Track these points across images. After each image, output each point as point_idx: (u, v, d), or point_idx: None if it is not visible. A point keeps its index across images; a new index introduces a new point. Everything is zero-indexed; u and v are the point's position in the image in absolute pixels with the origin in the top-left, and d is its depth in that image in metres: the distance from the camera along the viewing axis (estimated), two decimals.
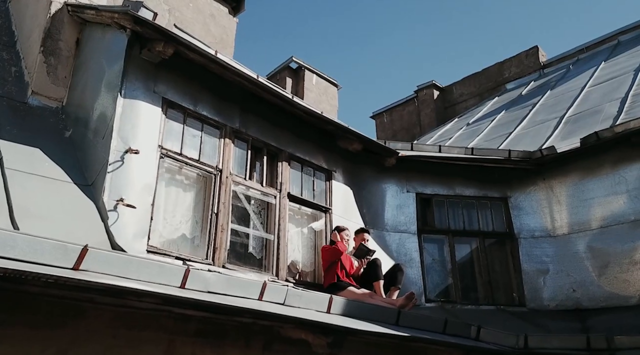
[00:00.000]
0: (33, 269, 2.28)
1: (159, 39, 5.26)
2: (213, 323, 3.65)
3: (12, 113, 5.60)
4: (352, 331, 3.76)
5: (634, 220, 6.78)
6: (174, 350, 3.44)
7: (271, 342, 3.92)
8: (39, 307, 2.94)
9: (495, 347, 4.70)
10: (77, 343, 3.04)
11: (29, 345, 2.88)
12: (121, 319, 3.23)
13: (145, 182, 5.07)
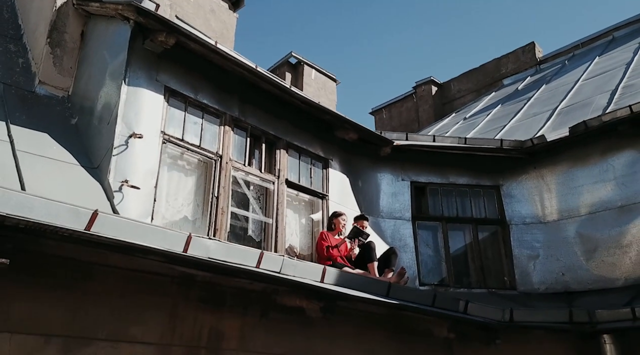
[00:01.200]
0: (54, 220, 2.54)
1: (161, 30, 5.52)
2: (213, 291, 3.93)
3: (21, 101, 5.87)
4: (344, 296, 4.02)
5: (620, 206, 7.03)
6: (176, 314, 3.71)
7: (268, 310, 4.20)
8: (53, 270, 3.21)
9: (482, 320, 4.95)
10: (86, 303, 3.31)
11: (43, 303, 3.16)
12: (127, 283, 3.50)
13: (149, 166, 5.33)
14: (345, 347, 4.76)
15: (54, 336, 3.15)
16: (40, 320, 3.12)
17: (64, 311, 3.22)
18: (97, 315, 3.36)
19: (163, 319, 3.66)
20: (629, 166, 7.12)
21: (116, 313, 3.45)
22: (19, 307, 3.06)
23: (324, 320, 4.57)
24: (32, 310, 3.11)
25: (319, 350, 4.54)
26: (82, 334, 3.26)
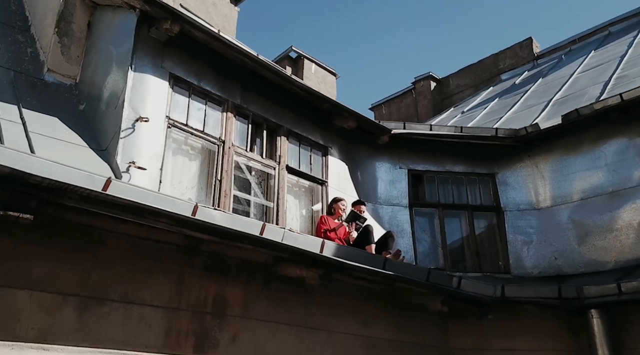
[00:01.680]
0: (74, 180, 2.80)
1: (166, 18, 5.78)
2: (217, 260, 4.18)
3: (30, 87, 6.12)
4: (342, 265, 4.27)
5: (611, 192, 7.27)
6: (182, 281, 3.96)
7: (269, 281, 4.45)
8: (69, 235, 3.47)
9: (475, 294, 5.20)
10: (99, 266, 3.57)
11: (60, 264, 3.41)
12: (137, 249, 3.75)
13: (154, 149, 5.58)
14: (342, 318, 5.02)
15: (70, 295, 3.40)
16: (58, 280, 3.37)
17: (80, 273, 3.47)
18: (110, 278, 3.61)
19: (170, 284, 3.92)
20: (620, 153, 7.36)
21: (127, 277, 3.70)
22: (39, 267, 3.31)
23: (322, 292, 4.83)
24: (51, 271, 3.36)
25: (318, 320, 4.80)
26: (96, 294, 3.51)
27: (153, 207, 3.22)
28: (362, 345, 5.15)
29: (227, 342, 4.11)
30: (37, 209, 3.02)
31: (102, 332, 3.47)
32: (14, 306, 3.16)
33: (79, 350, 3.33)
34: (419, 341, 5.72)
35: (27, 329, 3.17)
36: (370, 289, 5.23)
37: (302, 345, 4.63)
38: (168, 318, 3.83)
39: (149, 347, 3.66)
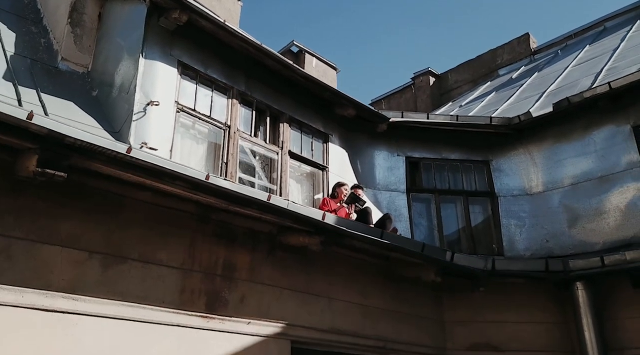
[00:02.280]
0: (101, 143, 3.20)
1: (175, 7, 6.17)
2: (226, 228, 4.59)
3: (46, 74, 6.52)
4: (341, 232, 4.67)
5: (600, 177, 7.66)
6: (194, 245, 4.37)
7: (274, 249, 4.86)
8: (94, 199, 3.88)
9: (467, 267, 5.60)
10: (120, 228, 3.98)
11: (87, 224, 3.81)
12: (153, 215, 4.16)
13: (164, 132, 5.98)
14: (341, 287, 5.43)
15: (95, 252, 3.80)
16: (84, 238, 3.77)
17: (103, 233, 3.87)
18: (130, 240, 4.01)
19: (184, 248, 4.32)
20: (608, 139, 7.75)
21: (145, 239, 4.10)
22: (68, 226, 3.71)
23: (323, 262, 5.24)
24: (79, 230, 3.75)
25: (318, 287, 5.21)
26: (118, 253, 3.91)
27: (171, 169, 3.62)
28: (360, 313, 5.56)
29: (236, 303, 4.51)
30: (70, 168, 3.42)
31: (123, 286, 3.87)
32: (47, 260, 3.56)
33: (102, 301, 3.73)
34: (414, 313, 6.14)
35: (59, 280, 3.57)
36: (368, 261, 5.63)
37: (304, 309, 5.04)
38: (182, 278, 4.23)
39: (165, 302, 4.06)
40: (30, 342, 3.35)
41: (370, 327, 5.66)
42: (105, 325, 3.71)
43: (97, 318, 3.68)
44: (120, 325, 3.78)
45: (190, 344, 4.12)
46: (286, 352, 4.81)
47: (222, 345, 4.33)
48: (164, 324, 4.02)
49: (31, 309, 3.40)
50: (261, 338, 4.63)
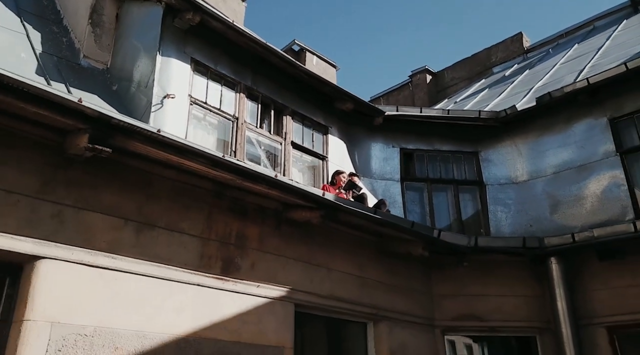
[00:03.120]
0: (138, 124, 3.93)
1: (188, 9, 6.90)
2: (238, 204, 5.33)
3: (71, 70, 7.25)
4: (339, 207, 5.41)
5: (579, 166, 8.39)
6: (211, 217, 5.11)
7: (280, 223, 5.61)
8: (128, 176, 4.60)
9: (452, 243, 6.34)
10: (149, 201, 4.71)
11: (122, 196, 4.54)
12: (177, 190, 4.90)
13: (179, 122, 6.70)
14: (340, 260, 6.18)
15: (129, 220, 4.53)
16: (120, 208, 4.50)
17: (136, 204, 4.60)
18: (157, 211, 4.74)
19: (202, 219, 5.05)
20: (587, 131, 8.49)
21: (170, 211, 4.83)
22: (108, 196, 4.44)
23: (323, 237, 5.99)
24: (116, 200, 4.49)
25: (319, 259, 5.95)
26: (148, 221, 4.64)
27: (194, 147, 4.35)
28: (356, 283, 6.30)
29: (247, 268, 5.25)
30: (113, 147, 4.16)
31: (153, 249, 4.60)
32: (90, 224, 4.28)
33: (136, 261, 4.46)
34: (406, 286, 6.88)
35: (100, 242, 4.30)
36: (364, 238, 6.37)
37: (306, 277, 5.78)
38: (201, 245, 4.96)
39: (187, 265, 4.79)
40: (78, 291, 4.08)
41: (365, 296, 6.41)
42: (137, 280, 4.44)
43: (130, 274, 4.41)
44: (149, 281, 4.51)
45: (206, 300, 4.86)
46: (290, 313, 5.54)
47: (235, 303, 5.06)
48: (185, 282, 4.75)
49: (79, 264, 4.13)
50: (269, 300, 5.37)
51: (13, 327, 3.82)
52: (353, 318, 6.43)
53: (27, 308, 3.81)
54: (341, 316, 6.27)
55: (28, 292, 3.85)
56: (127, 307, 4.31)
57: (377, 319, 6.57)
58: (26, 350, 3.71)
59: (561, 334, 6.73)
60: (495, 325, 7.27)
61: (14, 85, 3.56)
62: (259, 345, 5.14)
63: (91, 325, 4.07)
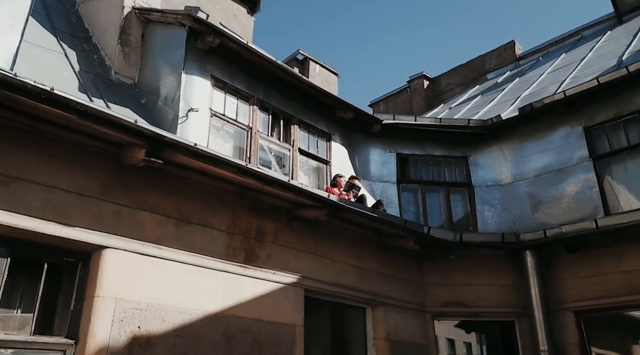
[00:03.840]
0: (180, 140, 5.04)
1: (209, 33, 7.98)
2: (257, 204, 6.43)
3: (104, 86, 8.34)
4: (341, 207, 6.52)
5: (557, 170, 9.48)
6: (235, 215, 6.21)
7: (291, 220, 6.71)
8: (168, 180, 5.70)
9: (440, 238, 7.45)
10: (185, 202, 5.81)
11: (164, 198, 5.64)
12: (207, 193, 5.99)
13: (202, 132, 7.77)
14: (342, 252, 7.30)
15: (171, 217, 5.63)
16: (164, 207, 5.60)
17: (175, 204, 5.70)
18: (192, 209, 5.84)
19: (228, 217, 6.16)
20: (565, 138, 9.58)
21: (202, 210, 5.93)
22: (154, 198, 5.54)
23: (328, 232, 7.09)
24: (160, 201, 5.59)
25: (325, 251, 7.07)
26: (185, 218, 5.74)
27: (226, 158, 5.45)
28: (356, 273, 7.42)
29: (265, 258, 6.36)
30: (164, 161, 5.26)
31: (189, 241, 5.70)
32: (141, 220, 5.38)
33: (176, 251, 5.56)
34: (400, 276, 7.99)
35: (149, 235, 5.40)
36: (363, 234, 7.48)
37: (314, 266, 6.89)
38: (227, 238, 6.07)
39: (216, 254, 5.90)
40: (133, 274, 5.17)
41: (364, 284, 7.52)
42: (177, 266, 5.54)
43: (172, 262, 5.51)
44: (187, 268, 5.61)
45: (232, 284, 5.96)
46: (301, 297, 6.65)
47: (256, 287, 6.17)
48: (216, 269, 5.86)
49: (134, 253, 5.23)
50: (283, 285, 6.48)
51: (86, 302, 4.93)
52: (354, 303, 7.56)
53: (96, 287, 4.91)
54: (344, 301, 7.40)
55: (97, 274, 4.96)
56: (170, 288, 5.42)
57: (374, 304, 7.69)
58: (97, 320, 4.81)
59: (535, 318, 7.85)
60: (478, 311, 8.40)
61: (87, 111, 4.66)
62: (275, 322, 6.25)
63: (144, 302, 5.18)
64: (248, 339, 5.93)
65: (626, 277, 7.50)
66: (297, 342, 6.47)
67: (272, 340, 6.17)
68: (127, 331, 4.99)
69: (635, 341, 7.94)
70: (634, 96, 8.85)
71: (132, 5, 9.15)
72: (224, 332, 5.74)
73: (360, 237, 7.59)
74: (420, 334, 8.15)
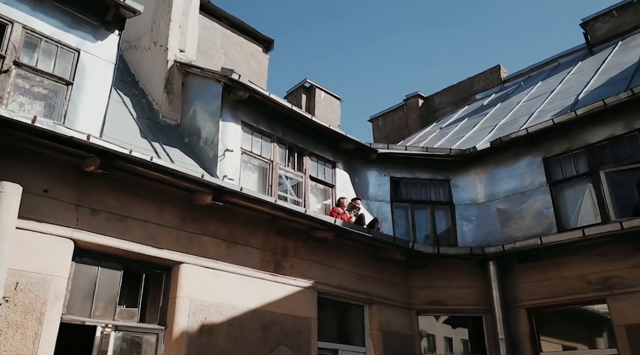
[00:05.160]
0: (234, 187, 7.51)
1: (241, 88, 10.42)
2: (283, 227, 8.92)
3: (156, 128, 10.79)
4: (345, 230, 9.02)
5: (522, 192, 11.94)
6: (267, 237, 8.71)
7: (307, 239, 9.21)
8: (220, 212, 8.17)
9: (422, 251, 9.94)
10: (235, 226, 8.30)
11: (218, 225, 8.12)
12: (249, 220, 8.48)
13: (235, 167, 10.23)
14: (345, 263, 9.80)
15: (223, 240, 8.11)
16: (219, 233, 8.08)
17: (227, 230, 8.18)
18: (237, 234, 8.33)
19: (262, 238, 8.65)
20: (528, 166, 12.03)
21: (245, 233, 8.42)
22: (212, 227, 8.01)
23: (334, 248, 9.59)
24: (217, 228, 8.06)
25: (332, 262, 9.57)
26: (233, 240, 8.23)
27: (263, 198, 7.93)
28: (356, 278, 9.92)
29: (288, 268, 8.85)
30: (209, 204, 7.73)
31: (236, 257, 8.19)
32: (204, 243, 7.86)
33: (228, 264, 8.04)
34: (391, 280, 10.50)
35: (209, 253, 7.87)
36: (361, 248, 9.98)
37: (324, 274, 9.40)
38: (261, 254, 8.56)
39: (254, 266, 8.39)
40: (200, 282, 7.65)
41: (363, 286, 10.02)
42: (228, 276, 8.02)
43: (225, 272, 7.99)
44: (234, 276, 8.10)
45: (265, 288, 8.45)
46: (315, 297, 9.16)
47: (282, 290, 8.66)
48: (254, 277, 8.34)
49: (200, 266, 7.71)
50: (301, 288, 8.96)
51: (170, 300, 7.41)
52: (354, 302, 10.07)
53: (177, 290, 7.39)
54: (347, 300, 9.91)
55: (177, 282, 7.43)
56: (224, 291, 7.91)
57: (370, 303, 10.19)
58: (178, 312, 7.29)
59: (495, 314, 10.36)
60: (454, 308, 10.91)
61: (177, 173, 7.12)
62: (297, 316, 8.74)
63: (208, 301, 7.66)
64: (277, 328, 8.42)
65: (565, 281, 9.99)
66: (313, 331, 8.97)
67: (295, 329, 8.66)
68: (198, 321, 7.47)
69: (573, 330, 10.44)
70: (581, 134, 11.29)
71: (174, 59, 11.61)
72: (261, 322, 8.23)
73: (359, 250, 10.09)
74: (407, 327, 10.65)
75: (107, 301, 7.08)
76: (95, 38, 8.71)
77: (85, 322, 6.79)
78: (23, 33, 7.89)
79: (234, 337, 7.83)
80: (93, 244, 6.82)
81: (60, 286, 6.36)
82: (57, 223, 6.48)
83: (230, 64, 14.13)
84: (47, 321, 6.14)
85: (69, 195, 6.69)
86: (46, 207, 6.43)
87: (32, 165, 6.47)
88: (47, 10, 8.25)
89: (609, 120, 10.90)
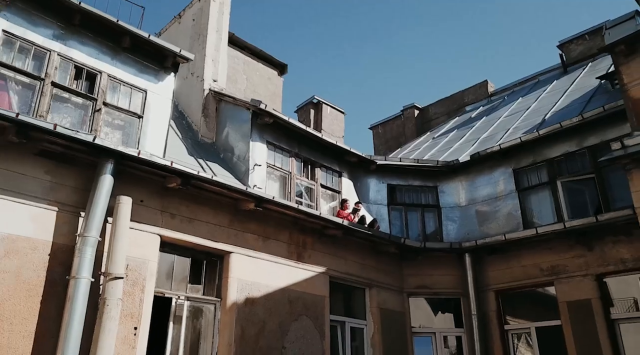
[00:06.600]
0: (268, 196, 10.64)
1: (267, 115, 13.51)
2: (303, 226, 12.08)
3: (197, 146, 13.89)
4: (351, 229, 12.15)
5: (496, 197, 15.08)
6: (291, 235, 11.88)
7: (321, 236, 12.38)
8: (256, 216, 11.30)
9: (411, 245, 13.09)
10: (267, 227, 11.44)
11: (255, 225, 11.27)
12: (277, 221, 11.64)
13: (262, 178, 13.34)
14: (351, 255, 12.96)
15: (260, 236, 11.23)
16: (257, 230, 11.21)
17: (262, 228, 11.29)
18: (269, 231, 11.44)
19: (287, 234, 11.78)
20: (501, 175, 15.17)
21: (276, 231, 11.54)
22: (252, 225, 11.13)
23: (343, 243, 12.73)
24: (255, 227, 11.17)
25: (341, 254, 12.73)
26: (266, 235, 11.34)
27: (290, 204, 11.04)
28: (359, 267, 13.09)
29: (307, 258, 11.99)
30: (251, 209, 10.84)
31: (269, 248, 11.31)
32: (247, 238, 10.97)
33: (264, 254, 11.15)
34: (387, 269, 13.67)
35: (250, 245, 10.97)
36: (364, 243, 13.14)
37: (334, 263, 12.53)
38: (287, 246, 11.68)
39: (283, 255, 11.52)
40: (245, 267, 10.76)
41: (364, 273, 13.17)
42: (264, 263, 11.13)
43: (262, 260, 11.11)
44: (268, 263, 11.22)
45: (291, 272, 11.57)
46: (327, 280, 12.31)
47: (303, 274, 11.78)
48: (282, 264, 11.46)
49: (244, 255, 10.81)
50: (317, 273, 12.09)
51: (223, 280, 10.53)
52: (358, 285, 13.23)
53: (229, 273, 10.51)
54: (352, 284, 13.08)
55: (228, 267, 10.54)
56: (261, 274, 11.02)
57: (370, 286, 13.35)
58: (230, 289, 10.42)
59: (470, 296, 13.51)
60: (437, 291, 14.08)
61: (230, 187, 10.22)
62: (314, 294, 11.87)
63: (250, 280, 10.78)
64: (300, 303, 11.56)
65: (524, 269, 13.15)
66: (326, 307, 12.11)
67: (313, 304, 11.80)
68: (244, 295, 10.59)
69: (530, 307, 13.57)
70: (543, 150, 14.40)
71: (209, 88, 14.73)
72: (288, 298, 11.37)
73: (362, 245, 13.22)
74: (400, 305, 13.80)
75: (180, 280, 10.20)
76: (157, 80, 11.77)
77: (165, 294, 9.90)
78: (108, 80, 10.97)
79: (269, 308, 10.95)
80: (172, 239, 9.91)
81: (152, 268, 9.46)
82: (150, 223, 9.58)
83: (251, 87, 17.28)
84: (147, 291, 9.24)
85: (156, 203, 9.79)
86: (142, 213, 9.52)
87: (134, 183, 9.55)
88: (123, 60, 11.31)
89: (565, 139, 14.00)
